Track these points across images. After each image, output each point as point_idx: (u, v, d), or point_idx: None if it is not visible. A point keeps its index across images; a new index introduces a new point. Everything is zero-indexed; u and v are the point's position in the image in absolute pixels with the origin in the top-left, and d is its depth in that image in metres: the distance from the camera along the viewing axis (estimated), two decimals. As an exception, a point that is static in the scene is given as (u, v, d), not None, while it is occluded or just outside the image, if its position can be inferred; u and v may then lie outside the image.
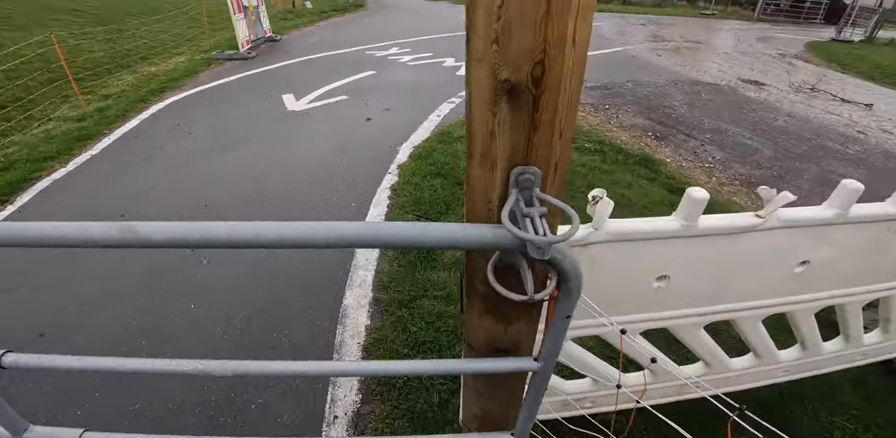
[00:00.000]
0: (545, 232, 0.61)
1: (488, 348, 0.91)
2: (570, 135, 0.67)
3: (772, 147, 5.44)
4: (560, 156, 0.68)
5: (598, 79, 7.22)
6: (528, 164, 0.66)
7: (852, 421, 2.11)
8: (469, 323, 0.91)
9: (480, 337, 0.90)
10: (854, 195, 1.31)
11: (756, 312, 1.56)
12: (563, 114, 0.63)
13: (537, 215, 0.63)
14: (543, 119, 0.62)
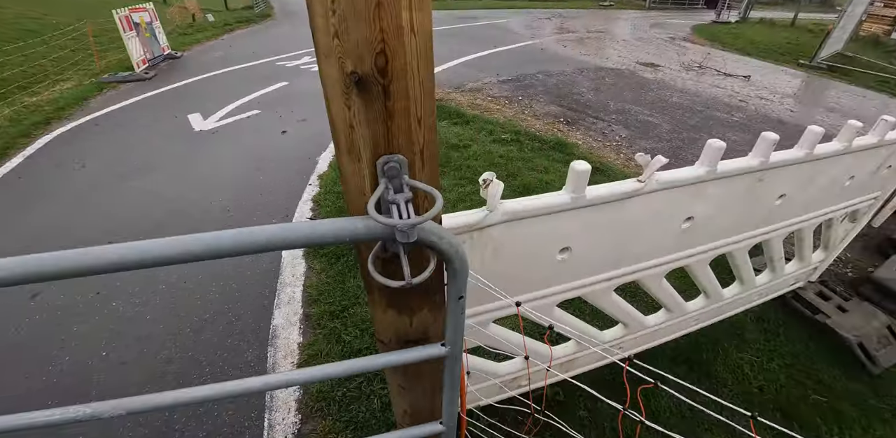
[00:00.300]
0: (409, 216, 0.63)
1: (398, 341, 0.92)
2: (431, 120, 0.69)
3: (669, 121, 5.94)
4: (425, 141, 0.70)
5: (511, 73, 7.49)
6: (393, 153, 0.68)
7: (758, 354, 2.38)
8: (375, 319, 0.91)
9: (388, 331, 0.91)
10: (718, 153, 1.43)
11: (656, 270, 1.69)
12: (417, 100, 0.65)
13: (402, 201, 0.65)
14: (398, 107, 0.65)
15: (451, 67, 7.54)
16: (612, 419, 1.89)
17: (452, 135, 4.48)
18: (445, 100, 5.64)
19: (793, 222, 2.08)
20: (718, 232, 1.80)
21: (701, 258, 1.82)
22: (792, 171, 1.74)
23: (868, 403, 2.19)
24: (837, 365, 2.39)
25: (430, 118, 0.69)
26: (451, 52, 8.50)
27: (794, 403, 2.11)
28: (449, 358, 0.88)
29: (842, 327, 2.54)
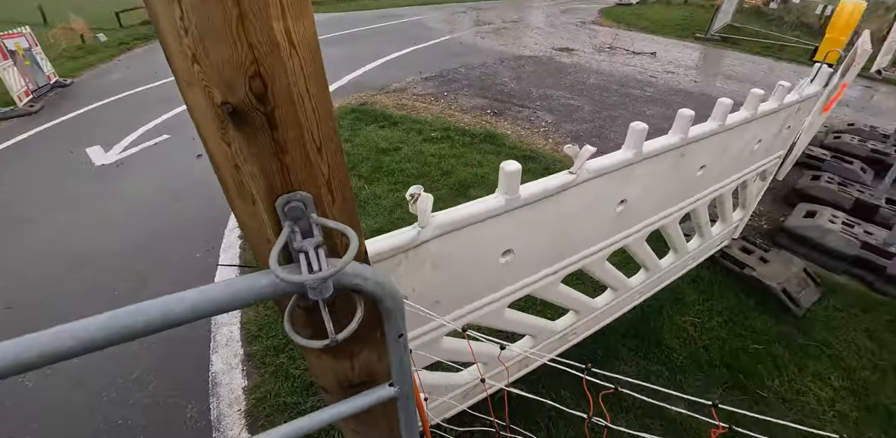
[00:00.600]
0: (321, 266, 0.55)
1: (341, 387, 0.84)
2: (333, 145, 0.61)
3: (590, 103, 6.18)
4: (331, 170, 0.62)
5: (434, 69, 7.46)
6: (293, 191, 0.59)
7: (699, 315, 2.53)
8: (311, 366, 0.83)
9: (328, 377, 0.83)
10: (642, 134, 1.46)
11: (598, 255, 1.72)
12: (312, 126, 0.57)
13: (311, 248, 0.57)
14: (289, 136, 0.56)
15: (373, 69, 7.39)
16: (577, 404, 1.94)
17: (381, 138, 4.38)
18: (370, 103, 5.51)
19: (714, 189, 2.21)
20: (650, 210, 1.86)
21: (637, 236, 1.88)
22: (709, 143, 1.83)
23: (797, 343, 2.40)
24: (767, 312, 2.59)
25: (331, 143, 0.61)
26: (372, 52, 8.34)
27: (737, 355, 2.27)
28: (400, 398, 0.81)
29: (766, 277, 2.77)
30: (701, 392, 2.06)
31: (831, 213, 3.28)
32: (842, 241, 3.03)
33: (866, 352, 2.38)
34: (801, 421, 1.96)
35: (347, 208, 0.68)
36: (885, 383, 2.20)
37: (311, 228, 0.61)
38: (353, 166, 3.85)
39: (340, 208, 0.66)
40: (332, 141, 0.61)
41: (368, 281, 0.63)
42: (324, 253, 0.58)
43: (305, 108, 0.56)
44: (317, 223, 0.61)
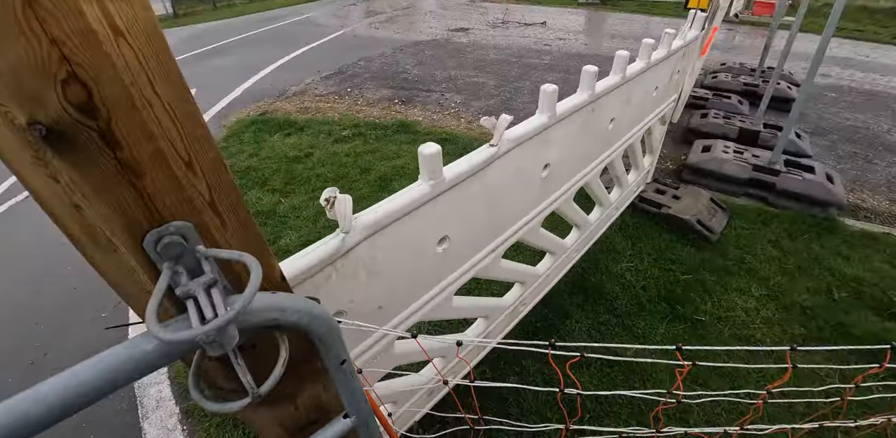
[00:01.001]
0: (216, 311, 0.45)
1: (291, 434, 0.75)
2: (210, 157, 0.50)
3: (494, 78, 6.26)
4: (214, 189, 0.51)
5: (332, 66, 7.14)
6: (165, 222, 0.48)
7: (632, 260, 2.69)
8: (249, 423, 0.73)
9: (274, 429, 0.73)
10: (553, 96, 1.45)
11: (532, 223, 1.72)
12: (172, 137, 0.45)
13: (201, 289, 0.47)
14: (141, 154, 0.44)
15: (267, 75, 6.93)
16: (542, 371, 1.99)
17: (289, 146, 4.13)
18: (271, 111, 5.18)
19: (625, 139, 2.30)
20: (573, 170, 1.89)
21: (565, 197, 1.91)
22: (615, 96, 1.88)
23: (719, 264, 2.63)
24: (688, 244, 2.81)
25: (206, 155, 0.50)
26: (263, 58, 7.81)
27: (671, 289, 2.44)
28: (359, 426, 0.74)
29: (680, 212, 2.99)
30: (648, 330, 2.20)
31: (723, 145, 3.59)
32: (736, 168, 3.33)
33: (774, 260, 2.66)
34: (736, 334, 2.16)
35: (246, 230, 0.58)
36: (795, 283, 2.47)
37: (199, 265, 0.53)
38: (263, 181, 3.62)
39: (236, 232, 0.57)
40: (206, 151, 0.50)
41: (287, 311, 0.55)
42: (220, 293, 0.49)
43: (156, 114, 0.44)
44: (205, 256, 0.52)
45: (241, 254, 0.51)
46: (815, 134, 4.43)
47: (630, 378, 1.95)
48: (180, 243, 0.50)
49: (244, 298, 0.45)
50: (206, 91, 6.36)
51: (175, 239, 0.50)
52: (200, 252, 0.52)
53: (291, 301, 0.57)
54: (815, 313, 2.27)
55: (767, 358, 2.03)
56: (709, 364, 0.87)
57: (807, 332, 2.17)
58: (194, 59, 8.13)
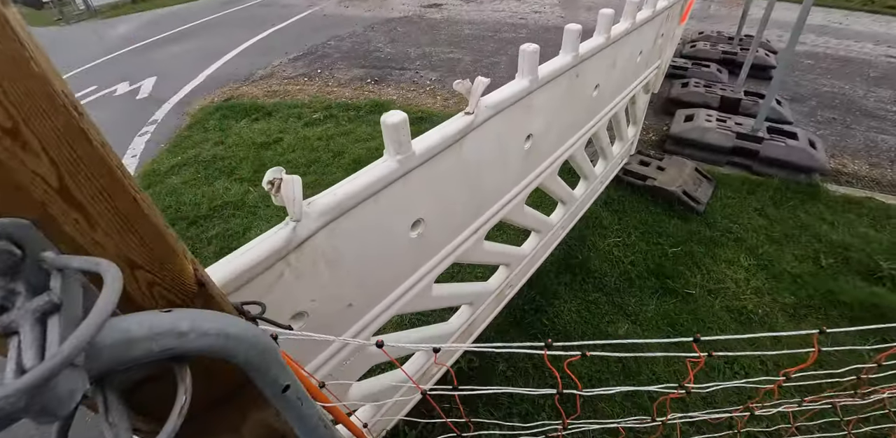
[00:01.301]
0: (43, 354, 0.30)
1: None
2: (61, 120, 0.36)
3: (469, 53, 6.00)
4: (62, 166, 0.36)
5: (300, 48, 6.76)
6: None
7: (619, 234, 2.58)
8: None
9: None
10: (535, 57, 1.29)
11: (516, 201, 1.58)
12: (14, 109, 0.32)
13: (27, 321, 0.31)
14: None
15: (231, 59, 6.52)
16: (529, 356, 1.89)
17: (257, 133, 3.87)
18: (236, 96, 4.86)
19: (610, 108, 2.15)
20: (557, 141, 1.74)
21: (550, 171, 1.77)
22: (599, 59, 1.73)
23: (706, 236, 2.55)
24: (675, 216, 2.72)
25: (51, 118, 0.35)
26: (227, 42, 7.36)
27: (660, 263, 2.35)
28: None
29: (665, 183, 2.89)
30: (639, 307, 2.12)
31: (706, 113, 3.48)
32: (720, 136, 3.23)
33: (761, 229, 2.59)
34: (727, 306, 2.09)
35: (132, 225, 0.42)
36: (783, 251, 2.41)
37: (48, 279, 0.37)
38: (231, 170, 3.38)
39: (113, 229, 0.42)
40: (48, 114, 0.35)
41: (189, 335, 0.39)
42: (59, 325, 0.33)
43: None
44: (55, 268, 0.37)
45: (97, 261, 0.34)
46: (795, 100, 4.36)
47: (623, 357, 1.87)
48: (4, 251, 0.34)
49: (79, 333, 0.29)
50: (167, 79, 5.96)
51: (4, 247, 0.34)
52: (48, 261, 0.36)
53: (196, 319, 0.41)
54: (804, 281, 2.21)
55: (759, 328, 1.96)
56: (726, 353, 0.75)
57: (797, 300, 2.11)
58: (153, 46, 7.64)
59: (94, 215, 0.40)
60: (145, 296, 0.46)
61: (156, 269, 0.46)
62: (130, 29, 9.94)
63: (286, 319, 0.89)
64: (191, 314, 0.42)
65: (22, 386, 0.28)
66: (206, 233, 2.84)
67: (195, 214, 3.00)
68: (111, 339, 0.37)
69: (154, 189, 3.36)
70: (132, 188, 0.43)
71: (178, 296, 0.49)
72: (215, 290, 0.57)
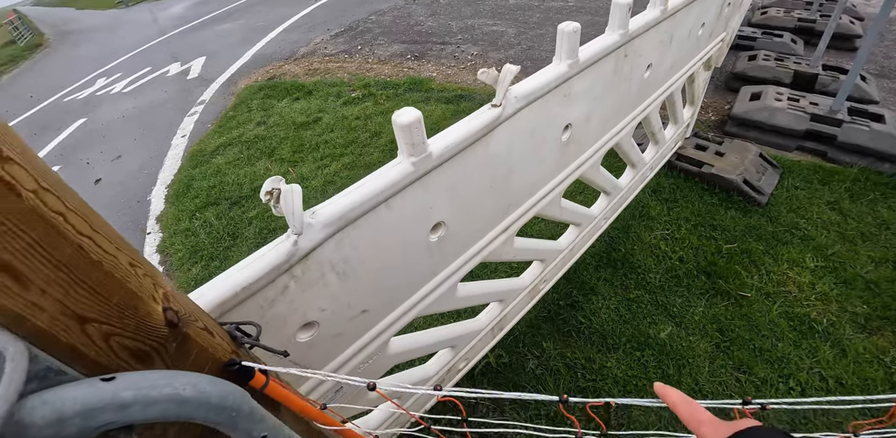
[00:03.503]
0: None
1: None
2: None
3: (513, 25, 5.65)
4: None
5: (341, 23, 6.65)
6: None
7: (667, 227, 2.38)
8: None
9: None
10: (575, 37, 1.13)
11: (551, 196, 1.45)
12: None
13: None
14: None
15: (275, 37, 6.54)
16: (563, 355, 1.80)
17: (297, 112, 3.86)
18: (278, 75, 4.86)
19: (664, 89, 1.91)
20: (600, 129, 1.56)
21: (591, 162, 1.60)
22: (652, 35, 1.50)
23: (768, 231, 2.29)
24: (733, 207, 2.46)
25: None
26: (272, 19, 7.37)
27: (713, 260, 2.14)
28: None
29: (724, 171, 2.61)
30: (685, 308, 1.95)
31: (775, 91, 3.08)
32: (791, 118, 2.86)
33: (833, 225, 2.29)
34: (786, 313, 1.88)
35: (78, 271, 0.36)
36: (857, 253, 2.13)
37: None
38: (271, 150, 3.41)
39: (51, 279, 0.34)
40: None
41: (133, 407, 0.34)
42: None
43: None
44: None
45: (4, 342, 0.29)
46: (883, 76, 3.78)
47: (663, 362, 1.74)
48: None
49: None
50: (215, 58, 6.07)
51: None
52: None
53: (141, 387, 0.35)
54: (880, 288, 1.94)
55: (822, 340, 1.76)
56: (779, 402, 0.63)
57: (870, 310, 1.86)
58: (202, 26, 7.77)
59: (25, 273, 0.34)
60: (101, 350, 0.40)
61: (113, 320, 0.40)
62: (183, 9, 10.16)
63: (295, 330, 0.85)
64: (136, 380, 0.36)
65: None
66: (247, 214, 2.91)
67: (238, 194, 3.07)
68: (41, 420, 0.32)
69: (200, 169, 3.47)
70: (78, 233, 0.37)
71: (144, 343, 0.44)
72: (196, 325, 0.52)
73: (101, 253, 0.39)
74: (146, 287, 0.44)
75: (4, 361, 0.28)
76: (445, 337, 1.39)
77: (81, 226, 0.38)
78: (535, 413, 1.64)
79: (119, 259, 0.41)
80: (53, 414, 0.32)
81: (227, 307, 0.69)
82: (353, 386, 1.09)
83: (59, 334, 0.37)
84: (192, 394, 0.38)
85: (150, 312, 0.44)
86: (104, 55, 8.67)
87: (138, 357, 0.44)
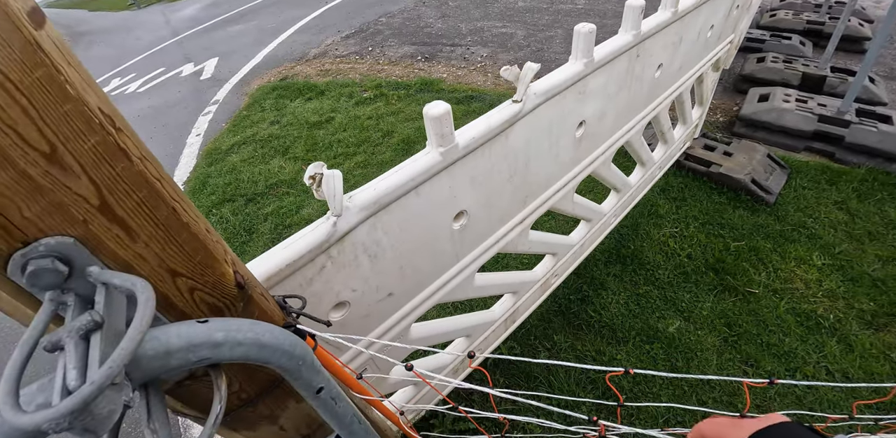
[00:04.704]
0: (84, 377, 0.30)
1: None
2: (95, 139, 0.34)
3: (522, 27, 5.71)
4: (102, 184, 0.35)
5: (352, 25, 6.74)
6: (32, 240, 0.33)
7: (676, 224, 2.42)
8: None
9: None
10: (590, 38, 1.19)
11: (565, 190, 1.51)
12: (51, 133, 0.31)
13: (71, 339, 0.32)
14: None
15: (286, 38, 6.63)
16: (574, 347, 1.84)
17: (310, 112, 3.93)
18: (291, 76, 4.95)
19: (674, 89, 1.96)
20: (613, 127, 1.61)
21: (603, 158, 1.65)
22: (663, 37, 1.56)
23: (775, 230, 2.33)
24: (741, 206, 2.50)
25: (88, 138, 0.34)
26: (283, 20, 7.49)
27: (721, 257, 2.18)
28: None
29: (733, 170, 2.64)
30: (693, 304, 1.99)
31: (783, 93, 3.12)
32: (799, 119, 2.90)
33: (840, 225, 2.32)
34: (793, 309, 1.91)
35: (172, 234, 0.42)
36: (864, 251, 2.16)
37: (94, 292, 0.38)
38: (285, 149, 3.48)
39: (154, 240, 0.41)
40: (84, 135, 0.34)
41: (225, 345, 0.39)
42: (100, 343, 0.34)
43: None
44: (99, 281, 0.37)
45: (133, 282, 0.34)
46: (891, 78, 3.80)
47: (672, 355, 1.77)
48: (51, 269, 0.34)
49: (114, 358, 0.29)
50: (228, 59, 6.17)
51: (43, 265, 0.34)
52: (94, 276, 0.36)
53: (230, 329, 0.41)
54: (887, 285, 1.97)
55: (829, 336, 1.79)
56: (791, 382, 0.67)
57: (876, 307, 1.89)
58: (215, 27, 7.89)
59: (134, 228, 0.39)
60: (187, 302, 0.46)
61: (197, 276, 0.46)
62: (195, 10, 10.32)
63: (328, 308, 0.90)
64: (225, 324, 0.42)
65: (65, 410, 0.28)
66: (262, 210, 2.97)
67: (252, 192, 3.14)
68: (152, 351, 0.37)
69: (215, 167, 3.54)
70: (172, 197, 0.43)
71: (219, 300, 0.49)
72: (256, 290, 0.57)
73: (189, 216, 0.45)
74: (220, 250, 0.50)
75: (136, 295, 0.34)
76: (462, 325, 1.44)
77: (173, 192, 0.43)
78: (546, 401, 1.68)
79: (199, 224, 0.47)
80: (162, 347, 0.38)
81: (271, 283, 0.75)
82: (378, 368, 1.14)
83: (157, 284, 0.43)
84: (270, 340, 0.43)
85: (224, 273, 0.50)
86: (118, 56, 8.82)
87: (214, 311, 0.49)
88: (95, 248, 0.37)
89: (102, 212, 0.37)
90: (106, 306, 0.35)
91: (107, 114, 0.36)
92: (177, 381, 0.49)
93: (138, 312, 0.33)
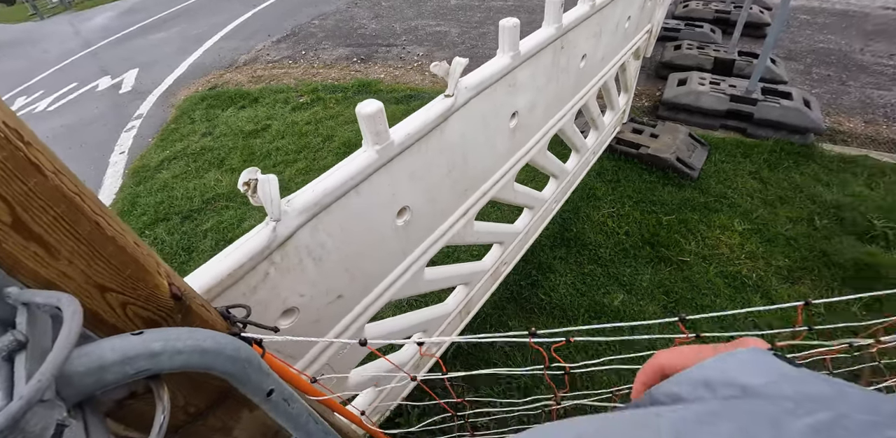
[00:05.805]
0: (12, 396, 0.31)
1: None
2: (2, 154, 0.34)
3: (456, 25, 5.80)
4: (13, 199, 0.35)
5: (284, 29, 6.53)
6: None
7: (613, 205, 2.57)
8: None
9: None
10: (515, 32, 1.25)
11: (505, 179, 1.57)
12: None
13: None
14: None
15: (213, 45, 6.33)
16: (527, 330, 1.92)
17: (244, 121, 3.79)
18: (221, 84, 4.74)
19: (599, 77, 2.09)
20: (544, 116, 1.70)
21: (539, 147, 1.73)
22: (585, 28, 1.66)
23: (700, 202, 2.54)
24: (669, 183, 2.70)
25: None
26: (208, 26, 7.12)
27: (655, 232, 2.35)
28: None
29: (659, 151, 2.84)
30: (634, 277, 2.13)
31: (699, 76, 3.39)
32: (713, 100, 3.16)
33: (756, 192, 2.57)
34: (722, 272, 2.10)
35: (97, 249, 0.43)
36: (777, 214, 2.40)
37: (14, 314, 0.37)
38: (220, 161, 3.35)
39: (77, 257, 0.41)
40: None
41: (163, 355, 0.40)
42: (25, 363, 0.34)
43: None
44: (20, 302, 0.37)
45: (58, 297, 0.35)
46: (790, 58, 4.22)
47: (617, 331, 1.90)
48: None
49: (40, 373, 0.30)
50: (149, 70, 5.81)
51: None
52: (14, 297, 0.36)
53: (168, 339, 0.42)
54: (798, 243, 2.21)
55: (753, 293, 1.98)
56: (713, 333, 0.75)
57: (791, 263, 2.12)
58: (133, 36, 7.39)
59: (53, 245, 0.39)
60: (119, 317, 0.46)
61: (128, 290, 0.46)
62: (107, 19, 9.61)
63: (276, 316, 0.90)
64: (163, 334, 0.42)
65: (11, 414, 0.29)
66: (200, 227, 2.85)
67: (188, 208, 3.00)
68: (84, 367, 0.38)
69: (145, 185, 3.34)
70: (94, 211, 0.43)
71: (154, 313, 0.50)
72: (195, 301, 0.58)
73: (114, 230, 0.45)
74: (152, 262, 0.50)
75: (61, 311, 0.34)
76: (417, 321, 1.47)
77: (94, 206, 0.43)
78: (506, 386, 1.75)
79: (126, 237, 0.47)
80: (94, 363, 0.38)
81: (212, 294, 0.74)
82: (335, 372, 1.15)
83: (85, 301, 0.43)
84: (212, 345, 0.45)
85: (157, 285, 0.50)
86: (21, 71, 8.03)
87: (150, 324, 0.49)
88: (12, 268, 0.37)
89: (16, 229, 0.36)
90: (29, 325, 0.35)
91: (12, 127, 0.36)
92: (117, 401, 0.48)
93: (65, 326, 0.33)
